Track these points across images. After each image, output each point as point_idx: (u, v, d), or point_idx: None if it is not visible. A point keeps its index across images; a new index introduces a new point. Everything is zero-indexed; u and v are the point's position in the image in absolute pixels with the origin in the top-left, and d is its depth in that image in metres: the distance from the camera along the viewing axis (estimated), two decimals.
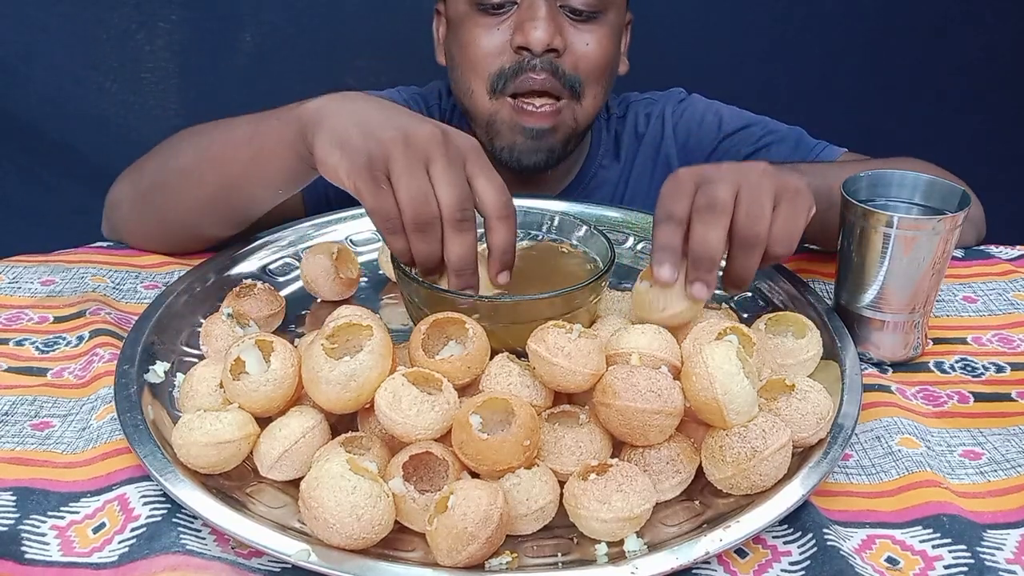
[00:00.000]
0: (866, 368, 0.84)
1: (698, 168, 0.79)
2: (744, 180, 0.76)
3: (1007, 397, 0.81)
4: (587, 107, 1.09)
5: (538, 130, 1.07)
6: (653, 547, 0.62)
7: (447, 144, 0.74)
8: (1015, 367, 0.85)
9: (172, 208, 0.97)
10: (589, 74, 1.07)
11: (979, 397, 0.81)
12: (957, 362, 0.86)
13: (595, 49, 1.05)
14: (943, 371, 0.85)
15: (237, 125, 0.92)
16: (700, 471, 0.68)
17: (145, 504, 0.66)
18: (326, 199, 1.09)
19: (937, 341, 0.88)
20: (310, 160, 0.80)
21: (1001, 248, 1.03)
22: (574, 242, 0.89)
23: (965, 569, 0.63)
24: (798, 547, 0.64)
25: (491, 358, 0.72)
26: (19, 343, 0.85)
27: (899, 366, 0.85)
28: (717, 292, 0.93)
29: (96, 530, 0.65)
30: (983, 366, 0.85)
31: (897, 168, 0.88)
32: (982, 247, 1.03)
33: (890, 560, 0.64)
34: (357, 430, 0.71)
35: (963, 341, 0.89)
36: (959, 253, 1.02)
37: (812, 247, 1.05)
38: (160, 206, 0.98)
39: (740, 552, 0.64)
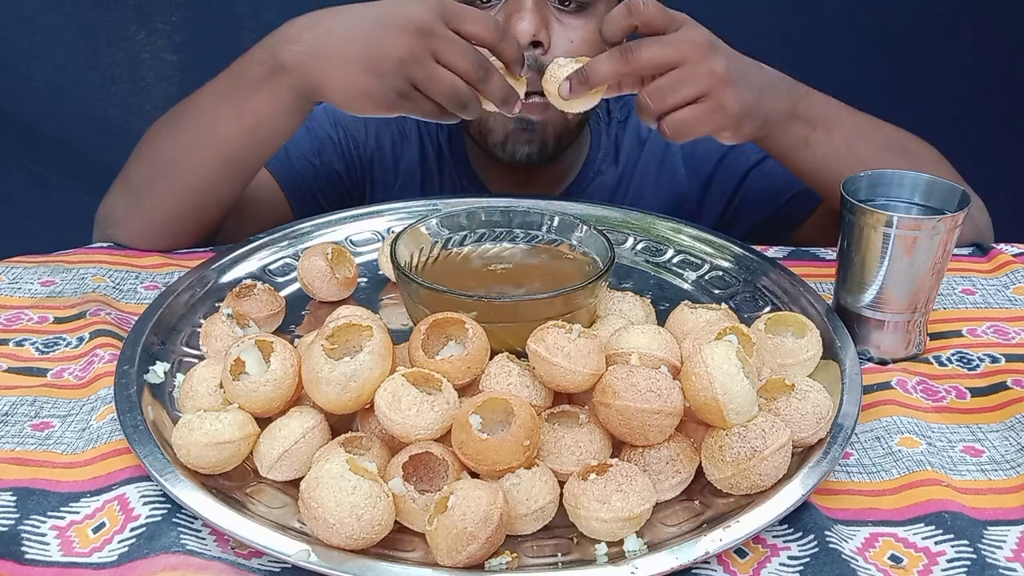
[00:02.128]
0: (865, 363, 0.84)
1: (675, 19, 0.84)
2: (688, 59, 0.82)
3: (1003, 386, 0.81)
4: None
5: (527, 120, 1.07)
6: (653, 547, 0.62)
7: (426, 31, 0.82)
8: (1010, 358, 0.85)
9: (174, 195, 0.98)
10: None
11: (975, 392, 0.81)
12: (953, 355, 0.86)
13: (579, 47, 1.05)
14: (940, 363, 0.85)
15: (216, 105, 0.94)
16: (700, 471, 0.68)
17: (145, 504, 0.66)
18: (315, 202, 1.09)
19: (934, 337, 0.88)
20: (313, 106, 0.92)
21: (1001, 245, 1.03)
22: (574, 242, 0.89)
23: (968, 564, 0.63)
24: (798, 546, 0.64)
25: (491, 358, 0.72)
26: (19, 343, 0.85)
27: (899, 362, 0.85)
28: (716, 291, 0.94)
29: (96, 530, 0.65)
30: (978, 358, 0.85)
31: (904, 140, 0.88)
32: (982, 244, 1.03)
33: (893, 558, 0.64)
34: (357, 430, 0.71)
35: (958, 334, 0.89)
36: (962, 251, 1.02)
37: (811, 250, 1.04)
38: (162, 197, 0.99)
39: (740, 552, 0.64)
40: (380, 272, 0.96)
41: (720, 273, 0.97)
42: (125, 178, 1.02)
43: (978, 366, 0.84)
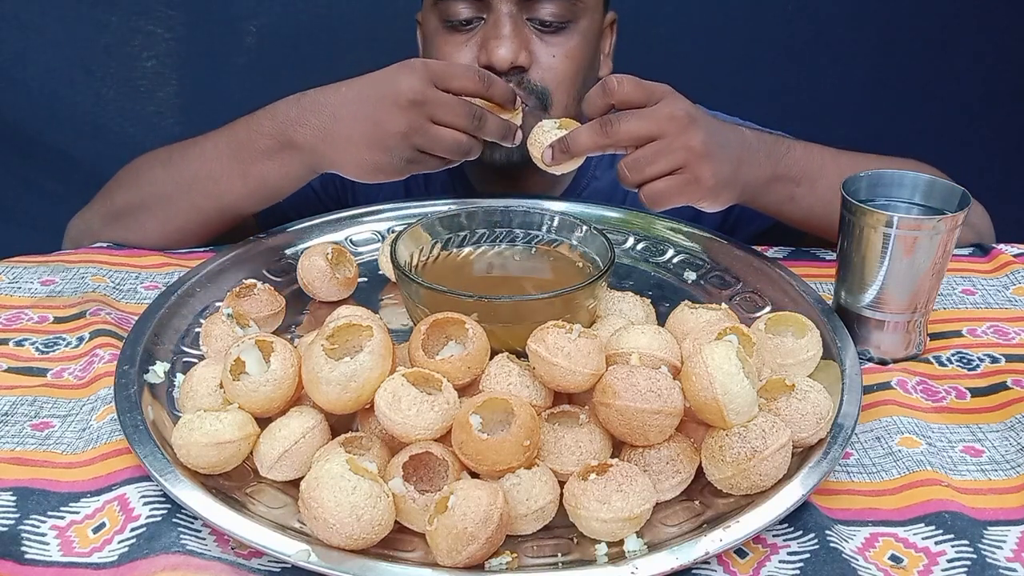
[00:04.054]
0: (865, 363, 0.84)
1: (654, 93, 0.86)
2: (666, 133, 0.84)
3: (1003, 386, 0.81)
4: (556, 115, 1.08)
5: None
6: (653, 547, 0.62)
7: (419, 100, 0.88)
8: (1010, 359, 0.85)
9: (159, 226, 1.02)
10: (558, 85, 1.06)
11: (975, 392, 0.81)
12: (953, 355, 0.86)
13: (562, 61, 1.05)
14: (940, 363, 0.85)
15: (218, 160, 0.97)
16: (700, 471, 0.68)
17: (145, 504, 0.66)
18: (284, 219, 1.09)
19: (934, 337, 0.88)
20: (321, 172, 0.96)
21: (1002, 246, 1.03)
22: (574, 242, 0.89)
23: (968, 564, 0.63)
24: (798, 543, 0.64)
25: (491, 358, 0.72)
26: (19, 343, 0.85)
27: (899, 362, 0.85)
28: (716, 291, 0.94)
29: (96, 530, 0.65)
30: (978, 358, 0.85)
31: (896, 167, 0.89)
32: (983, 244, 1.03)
33: (894, 558, 0.64)
34: (357, 430, 0.71)
35: (959, 334, 0.89)
36: (962, 251, 1.02)
37: (811, 250, 1.05)
38: (146, 226, 1.02)
39: (740, 552, 0.64)
40: (380, 272, 0.96)
41: (720, 273, 0.97)
42: (107, 202, 1.05)
43: (978, 366, 0.84)
